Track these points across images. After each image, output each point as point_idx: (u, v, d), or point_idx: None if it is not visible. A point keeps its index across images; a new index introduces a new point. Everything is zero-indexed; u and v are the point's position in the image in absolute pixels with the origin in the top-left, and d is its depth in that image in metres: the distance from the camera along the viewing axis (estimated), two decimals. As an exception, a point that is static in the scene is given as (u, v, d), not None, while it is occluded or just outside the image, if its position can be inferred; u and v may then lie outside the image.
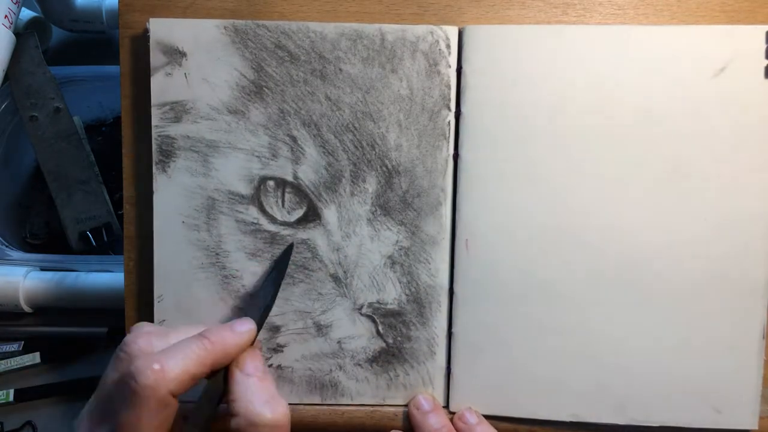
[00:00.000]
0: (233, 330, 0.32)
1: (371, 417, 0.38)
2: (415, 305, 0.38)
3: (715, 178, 0.36)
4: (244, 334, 0.32)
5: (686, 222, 0.36)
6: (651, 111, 0.36)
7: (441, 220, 0.37)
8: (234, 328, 0.32)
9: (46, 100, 0.47)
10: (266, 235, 0.37)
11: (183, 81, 0.37)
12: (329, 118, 0.37)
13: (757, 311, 0.36)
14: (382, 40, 0.37)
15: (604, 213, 0.36)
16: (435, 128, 0.37)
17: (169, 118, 0.37)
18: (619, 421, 0.37)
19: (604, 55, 0.36)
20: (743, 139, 0.36)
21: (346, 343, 0.38)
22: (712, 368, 0.36)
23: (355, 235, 0.37)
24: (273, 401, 0.30)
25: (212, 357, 0.30)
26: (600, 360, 0.37)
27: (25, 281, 0.46)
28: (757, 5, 0.37)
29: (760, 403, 0.36)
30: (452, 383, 0.38)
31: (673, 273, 0.36)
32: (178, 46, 0.37)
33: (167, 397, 0.28)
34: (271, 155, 0.37)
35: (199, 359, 0.30)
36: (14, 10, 0.45)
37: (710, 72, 0.36)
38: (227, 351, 0.31)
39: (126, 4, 0.38)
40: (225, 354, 0.31)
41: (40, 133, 0.46)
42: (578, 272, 0.37)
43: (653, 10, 0.37)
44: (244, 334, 0.32)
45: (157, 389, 0.28)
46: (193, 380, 0.29)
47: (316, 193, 0.37)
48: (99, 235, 0.49)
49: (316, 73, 0.37)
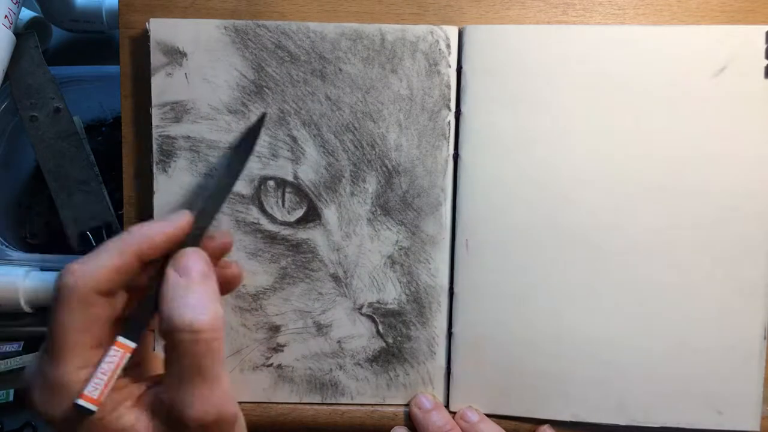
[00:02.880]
0: (160, 219, 0.30)
1: (371, 417, 0.38)
2: (415, 305, 0.38)
3: (715, 178, 0.36)
4: (173, 222, 0.30)
5: (686, 221, 0.36)
6: (651, 111, 0.36)
7: (441, 220, 0.37)
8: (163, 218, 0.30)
9: (46, 100, 0.46)
10: (266, 235, 0.37)
11: (183, 81, 0.37)
12: (329, 118, 0.37)
13: (758, 311, 0.36)
14: (382, 40, 0.37)
15: (604, 213, 0.36)
16: (435, 128, 0.37)
17: (170, 118, 0.37)
18: (619, 422, 0.37)
19: (604, 55, 0.36)
20: (743, 139, 0.36)
21: (346, 343, 0.38)
22: (713, 369, 0.36)
23: (355, 235, 0.37)
24: (200, 305, 0.27)
25: (135, 247, 0.28)
26: (600, 360, 0.37)
27: (25, 281, 0.46)
28: (757, 5, 0.37)
29: (761, 404, 0.36)
30: (452, 383, 0.38)
31: (673, 273, 0.36)
32: (178, 46, 0.37)
33: (90, 295, 0.27)
34: (271, 155, 0.37)
35: (119, 250, 0.28)
36: (14, 10, 0.45)
37: (710, 72, 0.36)
38: (153, 240, 0.29)
39: (126, 4, 0.38)
40: (151, 244, 0.29)
41: (40, 133, 0.46)
42: (578, 272, 0.37)
43: (653, 10, 0.37)
44: (172, 221, 0.30)
45: (76, 287, 0.26)
46: (118, 274, 0.28)
47: (316, 193, 0.37)
48: (99, 235, 0.48)
49: (316, 73, 0.37)
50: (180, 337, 0.27)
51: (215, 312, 0.28)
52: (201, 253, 0.30)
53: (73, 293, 0.26)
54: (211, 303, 0.28)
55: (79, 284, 0.27)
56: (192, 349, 0.27)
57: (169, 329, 0.27)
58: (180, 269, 0.29)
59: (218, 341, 0.28)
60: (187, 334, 0.27)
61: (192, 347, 0.27)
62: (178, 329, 0.27)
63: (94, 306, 0.27)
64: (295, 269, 0.38)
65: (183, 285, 0.28)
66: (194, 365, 0.27)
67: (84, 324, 0.27)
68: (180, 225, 0.30)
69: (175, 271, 0.29)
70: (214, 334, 0.27)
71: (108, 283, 0.27)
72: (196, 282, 0.28)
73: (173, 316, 0.27)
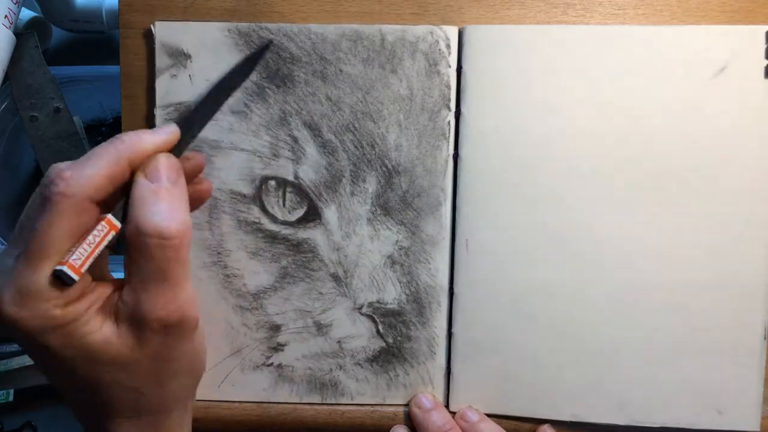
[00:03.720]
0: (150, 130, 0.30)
1: (371, 416, 0.38)
2: (415, 305, 0.38)
3: (715, 178, 0.36)
4: (162, 132, 0.30)
5: (687, 222, 0.36)
6: (651, 111, 0.36)
7: (441, 220, 0.37)
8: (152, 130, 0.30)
9: (46, 100, 0.46)
10: (267, 235, 0.37)
11: (187, 82, 0.37)
12: (330, 118, 0.37)
13: (757, 312, 0.36)
14: (382, 40, 0.37)
15: (604, 213, 0.36)
16: (435, 128, 0.37)
17: (173, 119, 0.37)
18: (619, 422, 0.37)
19: (604, 55, 0.36)
20: (743, 139, 0.36)
21: (346, 343, 0.38)
22: (713, 369, 0.36)
23: (355, 234, 0.37)
24: (169, 212, 0.27)
25: (127, 154, 0.28)
26: (600, 360, 0.37)
27: (25, 281, 0.46)
28: (757, 5, 0.37)
29: (761, 404, 0.36)
30: (452, 383, 0.38)
31: (673, 272, 0.36)
32: (182, 48, 0.37)
33: (84, 203, 0.26)
34: (272, 155, 0.37)
35: (111, 157, 0.27)
36: (14, 10, 0.45)
37: (710, 72, 0.36)
38: (144, 148, 0.29)
39: (126, 4, 0.38)
40: (142, 152, 0.29)
41: (40, 133, 0.46)
42: (578, 272, 0.37)
43: (653, 10, 0.37)
44: (161, 131, 0.30)
45: (70, 194, 0.26)
46: (111, 182, 0.27)
47: (316, 193, 0.37)
48: (99, 234, 0.48)
49: (317, 74, 0.37)
50: (147, 241, 0.27)
51: (184, 219, 0.28)
52: (172, 158, 0.30)
53: (65, 199, 0.26)
54: (180, 210, 0.28)
55: (73, 191, 0.26)
56: (159, 254, 0.27)
57: (137, 233, 0.27)
58: (150, 173, 0.28)
59: (185, 248, 0.28)
60: (154, 239, 0.27)
61: (159, 252, 0.27)
62: (145, 234, 0.26)
63: (86, 213, 0.27)
64: (295, 269, 0.38)
65: (152, 190, 0.28)
66: (160, 269, 0.27)
67: (73, 231, 0.26)
68: (169, 136, 0.30)
69: (145, 177, 0.28)
70: (182, 241, 0.27)
71: (101, 191, 0.27)
72: (165, 188, 0.28)
73: (142, 222, 0.27)
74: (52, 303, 0.26)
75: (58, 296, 0.26)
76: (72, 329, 0.27)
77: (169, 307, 0.27)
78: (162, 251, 0.27)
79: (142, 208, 0.27)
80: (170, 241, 0.27)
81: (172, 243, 0.27)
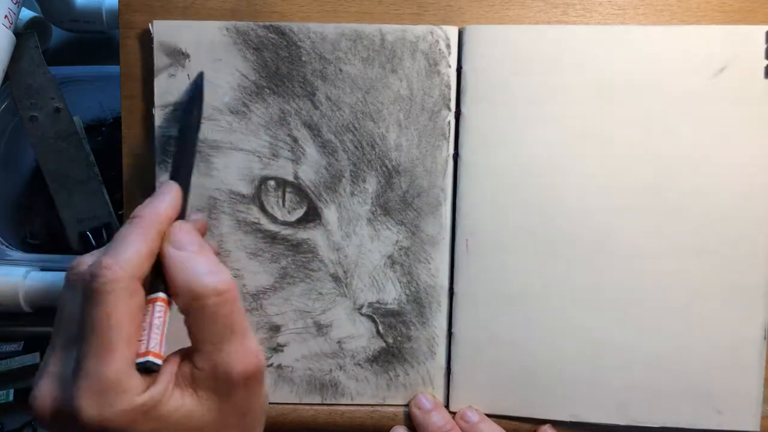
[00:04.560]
0: (156, 195, 0.31)
1: (371, 417, 0.38)
2: (415, 305, 0.38)
3: (715, 178, 0.36)
4: (168, 194, 0.31)
5: (686, 222, 0.36)
6: (651, 111, 0.36)
7: (441, 220, 0.37)
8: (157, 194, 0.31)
9: (46, 100, 0.46)
10: (267, 235, 0.37)
11: (186, 82, 0.37)
12: (329, 118, 0.37)
13: (757, 311, 0.36)
14: (382, 40, 0.37)
15: (604, 213, 0.36)
16: (435, 128, 0.37)
17: (172, 118, 0.37)
18: (619, 422, 0.37)
19: (604, 56, 0.36)
20: (743, 139, 0.36)
21: (346, 343, 0.38)
22: (713, 369, 0.36)
23: (355, 234, 0.37)
24: (214, 269, 0.28)
25: (156, 227, 0.29)
26: (600, 360, 0.37)
27: (25, 281, 0.46)
28: (757, 5, 0.37)
29: (761, 404, 0.36)
30: (452, 383, 0.38)
31: (673, 272, 0.36)
32: (181, 47, 0.37)
33: (133, 284, 0.27)
34: (271, 155, 0.37)
35: (142, 235, 0.28)
36: (14, 10, 0.45)
37: (710, 72, 0.36)
38: (168, 216, 0.30)
39: (126, 4, 0.38)
40: (168, 220, 0.30)
41: (40, 133, 0.46)
42: (578, 272, 0.37)
43: (653, 10, 0.37)
44: (169, 194, 0.31)
45: (120, 278, 0.26)
46: (150, 258, 0.28)
47: (316, 193, 0.37)
48: (99, 235, 0.48)
49: (317, 73, 0.37)
50: (206, 302, 0.27)
51: (227, 272, 0.29)
52: (186, 223, 0.31)
53: (116, 285, 0.26)
54: (219, 264, 0.29)
55: (120, 275, 0.26)
56: (221, 310, 0.28)
57: (193, 298, 0.27)
58: (175, 243, 0.29)
59: (239, 298, 0.29)
60: (212, 298, 0.27)
61: (221, 309, 0.27)
62: (202, 296, 0.27)
63: (137, 294, 0.27)
64: (295, 269, 0.38)
65: (186, 257, 0.29)
66: (226, 325, 0.28)
67: (132, 315, 0.27)
68: (175, 195, 0.31)
69: (172, 247, 0.29)
70: (236, 292, 0.28)
71: (143, 269, 0.28)
72: (197, 252, 0.29)
73: (194, 286, 0.27)
74: (133, 392, 0.26)
75: (138, 384, 0.26)
76: (159, 412, 0.27)
77: (248, 358, 0.28)
78: (223, 307, 0.28)
79: (186, 274, 0.28)
80: (226, 295, 0.28)
81: (229, 296, 0.28)
